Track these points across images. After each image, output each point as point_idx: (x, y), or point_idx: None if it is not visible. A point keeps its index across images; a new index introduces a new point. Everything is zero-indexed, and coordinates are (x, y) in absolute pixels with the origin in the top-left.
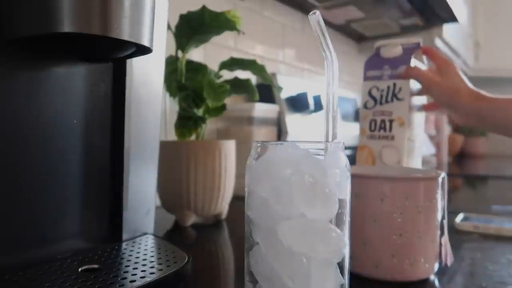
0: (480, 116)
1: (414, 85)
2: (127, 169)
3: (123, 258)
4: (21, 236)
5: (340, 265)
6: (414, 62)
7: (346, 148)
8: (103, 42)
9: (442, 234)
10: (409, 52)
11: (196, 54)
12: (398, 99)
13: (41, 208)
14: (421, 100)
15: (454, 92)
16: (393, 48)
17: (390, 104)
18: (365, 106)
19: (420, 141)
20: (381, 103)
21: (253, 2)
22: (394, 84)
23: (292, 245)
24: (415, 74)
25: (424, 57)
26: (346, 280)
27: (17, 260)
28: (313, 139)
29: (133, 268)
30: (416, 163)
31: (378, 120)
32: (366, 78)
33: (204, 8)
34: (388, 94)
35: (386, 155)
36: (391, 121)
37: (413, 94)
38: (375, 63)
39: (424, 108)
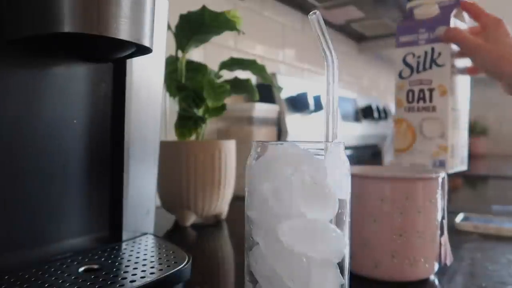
0: None
1: (455, 46)
2: (127, 169)
3: (123, 258)
4: (21, 236)
5: (340, 265)
6: (454, 22)
7: (346, 148)
8: (103, 42)
9: (441, 234)
10: (447, 10)
11: (196, 54)
12: (437, 65)
13: (41, 208)
14: (464, 62)
15: (498, 59)
16: (428, 7)
17: (428, 71)
18: (400, 75)
19: (466, 109)
20: (418, 71)
21: (253, 2)
22: (432, 49)
23: (292, 245)
24: (455, 37)
25: (465, 15)
26: (346, 280)
27: (17, 260)
28: (313, 139)
29: (133, 268)
30: (462, 135)
31: (416, 90)
32: (399, 44)
33: (204, 8)
34: (426, 60)
35: (428, 128)
36: (431, 90)
37: (454, 56)
38: (408, 26)
39: (467, 71)
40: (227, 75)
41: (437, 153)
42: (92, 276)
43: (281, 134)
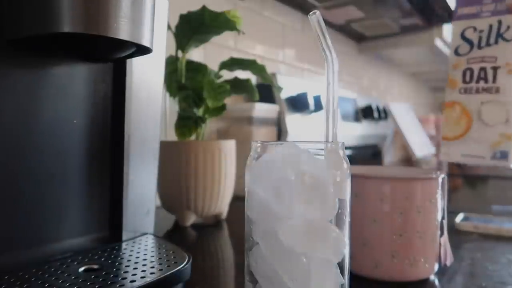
0: None
1: None
2: (127, 169)
3: (123, 258)
4: (21, 236)
5: (340, 265)
6: None
7: (346, 148)
8: (103, 42)
9: (441, 234)
10: None
11: (196, 54)
12: (505, 40)
13: (41, 208)
14: None
15: None
16: None
17: (493, 47)
18: (456, 52)
19: None
20: (480, 47)
21: (253, 2)
22: (499, 22)
23: (292, 245)
24: None
25: None
26: (346, 280)
27: (17, 260)
28: (313, 139)
29: (133, 268)
30: None
31: (475, 68)
32: (457, 17)
33: (204, 8)
34: (491, 35)
35: (489, 113)
36: (495, 69)
37: None
38: None
39: None
40: (227, 75)
41: (498, 142)
42: (92, 276)
43: (281, 134)
